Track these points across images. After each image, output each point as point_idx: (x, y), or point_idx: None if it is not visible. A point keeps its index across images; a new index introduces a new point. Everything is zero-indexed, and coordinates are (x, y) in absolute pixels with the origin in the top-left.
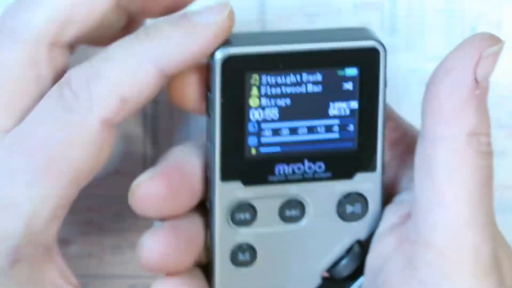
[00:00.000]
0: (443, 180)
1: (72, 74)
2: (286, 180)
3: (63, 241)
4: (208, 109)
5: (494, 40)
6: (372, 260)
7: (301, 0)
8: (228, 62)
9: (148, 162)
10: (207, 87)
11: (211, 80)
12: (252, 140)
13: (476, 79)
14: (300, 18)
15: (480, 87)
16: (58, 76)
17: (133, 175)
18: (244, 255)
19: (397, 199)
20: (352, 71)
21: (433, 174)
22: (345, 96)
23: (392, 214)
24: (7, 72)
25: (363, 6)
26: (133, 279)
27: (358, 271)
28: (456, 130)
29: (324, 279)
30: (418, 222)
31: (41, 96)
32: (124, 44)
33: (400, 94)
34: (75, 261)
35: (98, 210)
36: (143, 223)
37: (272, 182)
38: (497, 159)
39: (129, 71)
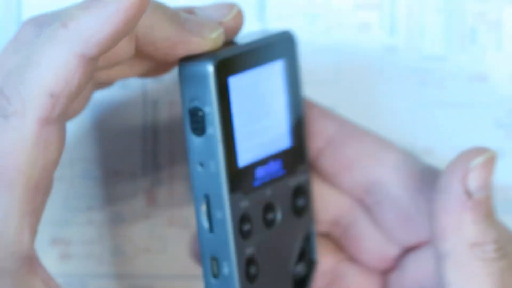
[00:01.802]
0: None
1: (3, 82)
2: (264, 184)
3: (63, 241)
4: (197, 127)
5: (481, 152)
6: None
7: (301, 0)
8: (219, 68)
9: (148, 162)
10: (187, 104)
11: (201, 94)
12: (240, 147)
13: (468, 192)
14: (300, 18)
15: (475, 199)
16: None
17: (133, 175)
18: (253, 268)
19: None
20: (279, 64)
21: None
22: (277, 92)
23: None
24: None
25: (363, 6)
26: (133, 279)
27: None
28: (457, 244)
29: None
30: None
31: None
32: (42, 40)
33: (400, 94)
34: (75, 261)
35: (98, 210)
36: (143, 223)
37: (256, 188)
38: (497, 159)
39: (50, 66)
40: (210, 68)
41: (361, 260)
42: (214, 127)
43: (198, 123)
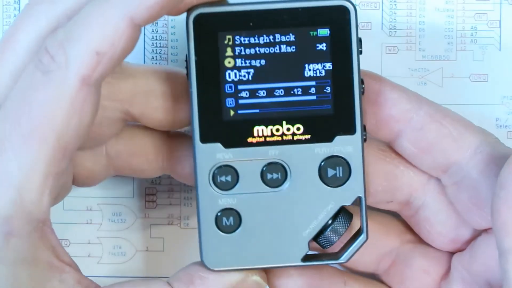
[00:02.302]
0: None
1: (48, 41)
2: (266, 142)
3: (63, 241)
4: (187, 73)
5: None
6: None
7: None
8: (200, 21)
9: None
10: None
11: (187, 41)
12: (229, 102)
13: None
14: None
15: None
16: None
17: None
18: (228, 219)
19: None
20: (324, 31)
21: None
22: (319, 57)
23: None
24: (24, 43)
25: (363, 6)
26: (133, 280)
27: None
28: None
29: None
30: None
31: None
32: (92, 2)
33: None
34: (75, 261)
35: (98, 210)
36: (143, 223)
37: (252, 144)
38: None
39: (100, 26)
40: (190, 15)
41: (430, 240)
42: (191, 75)
43: (186, 70)
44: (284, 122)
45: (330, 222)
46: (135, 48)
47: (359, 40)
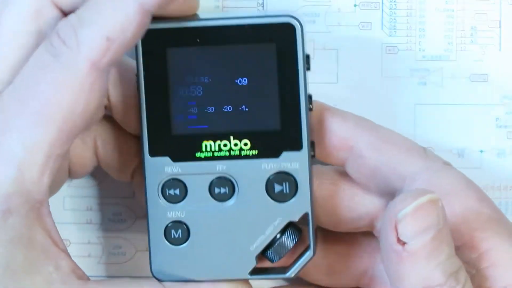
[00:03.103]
0: None
1: (59, 25)
2: (214, 157)
3: (63, 242)
4: (137, 86)
5: (410, 201)
6: None
7: (301, 0)
8: (149, 37)
9: None
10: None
11: (136, 56)
12: (178, 117)
13: (403, 241)
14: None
15: (410, 248)
16: None
17: None
18: (177, 232)
19: None
20: (270, 48)
21: None
22: (266, 74)
23: None
24: (8, 23)
25: (363, 6)
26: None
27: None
28: None
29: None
30: None
31: None
32: None
33: (400, 93)
34: (75, 261)
35: (98, 210)
36: (143, 223)
37: (200, 159)
38: (497, 159)
39: (111, 11)
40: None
41: None
42: (140, 89)
43: (137, 84)
44: (231, 137)
45: (278, 236)
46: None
47: (307, 57)
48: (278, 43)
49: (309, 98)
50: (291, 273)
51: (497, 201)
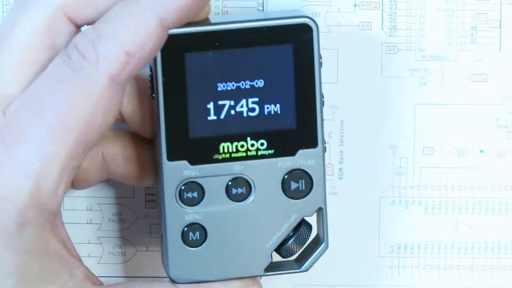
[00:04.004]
0: None
1: (78, 39)
2: (231, 158)
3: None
4: (152, 91)
5: None
6: None
7: (301, 0)
8: (167, 42)
9: None
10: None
11: (153, 61)
12: (195, 120)
13: None
14: None
15: None
16: None
17: None
18: (194, 234)
19: None
20: (286, 49)
21: None
22: (283, 74)
23: None
24: (22, 37)
25: (363, 6)
26: (133, 280)
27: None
28: None
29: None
30: None
31: None
32: (123, 2)
33: (400, 93)
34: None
35: (98, 210)
36: (143, 223)
37: (218, 161)
38: (497, 159)
39: (130, 26)
40: None
41: None
42: (158, 94)
43: (151, 89)
44: (248, 138)
45: (292, 233)
46: None
47: (320, 56)
48: (295, 44)
49: (322, 95)
50: (306, 266)
51: (497, 201)
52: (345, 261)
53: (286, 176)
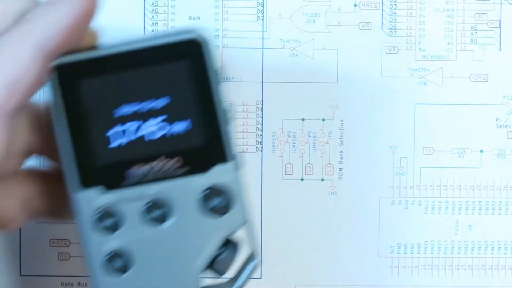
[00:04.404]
0: None
1: None
2: (144, 180)
3: (62, 241)
4: (54, 121)
5: None
6: None
7: (301, 0)
8: (62, 70)
9: None
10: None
11: (52, 89)
12: (103, 145)
13: None
14: (300, 18)
15: None
16: None
17: None
18: (117, 263)
19: None
20: (182, 65)
21: None
22: (184, 91)
23: None
24: None
25: (363, 6)
26: None
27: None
28: None
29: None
30: None
31: None
32: (6, 33)
33: (400, 93)
34: (75, 261)
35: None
36: None
37: (130, 184)
38: (497, 159)
39: (11, 57)
40: (53, 69)
41: None
42: (61, 122)
43: (52, 116)
44: (160, 158)
45: (221, 250)
46: None
47: (217, 71)
48: (187, 60)
49: (228, 110)
50: (237, 285)
51: (497, 201)
52: (345, 261)
53: (202, 195)
